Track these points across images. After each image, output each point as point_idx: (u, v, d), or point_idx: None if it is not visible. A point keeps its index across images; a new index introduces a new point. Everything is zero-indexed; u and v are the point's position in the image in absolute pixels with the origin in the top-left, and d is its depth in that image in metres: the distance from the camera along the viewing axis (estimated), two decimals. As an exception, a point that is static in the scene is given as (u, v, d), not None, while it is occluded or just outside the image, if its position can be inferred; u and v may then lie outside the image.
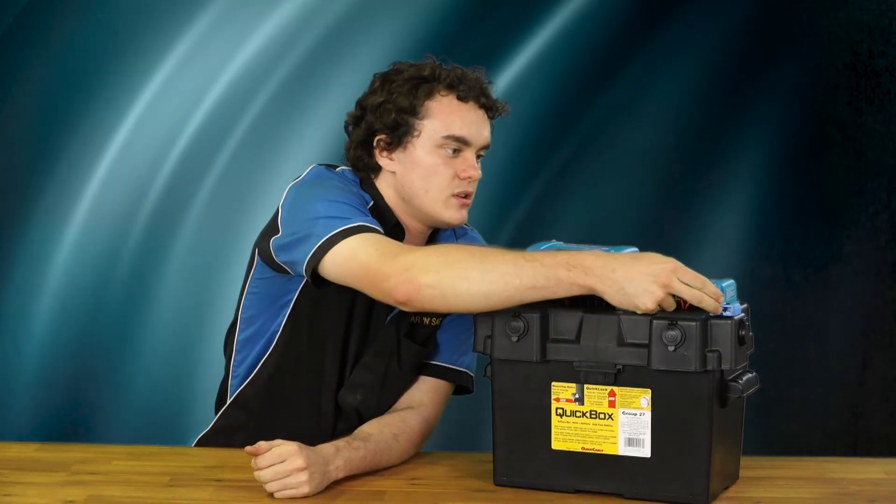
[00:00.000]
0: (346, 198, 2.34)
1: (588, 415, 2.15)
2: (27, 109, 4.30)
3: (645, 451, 2.12)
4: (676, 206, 4.34)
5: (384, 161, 2.44)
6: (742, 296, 2.18)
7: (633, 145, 4.34)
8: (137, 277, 4.29)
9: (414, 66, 2.45)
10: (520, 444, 2.19)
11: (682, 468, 2.10)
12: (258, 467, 2.17)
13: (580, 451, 2.15)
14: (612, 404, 2.13)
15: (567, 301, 2.16)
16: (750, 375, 2.16)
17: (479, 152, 2.44)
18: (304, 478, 2.15)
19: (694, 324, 2.07)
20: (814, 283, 4.32)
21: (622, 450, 2.13)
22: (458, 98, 2.41)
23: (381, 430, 2.34)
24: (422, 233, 2.49)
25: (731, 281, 2.17)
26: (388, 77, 2.45)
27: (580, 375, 2.14)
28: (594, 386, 2.14)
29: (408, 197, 2.43)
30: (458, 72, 2.44)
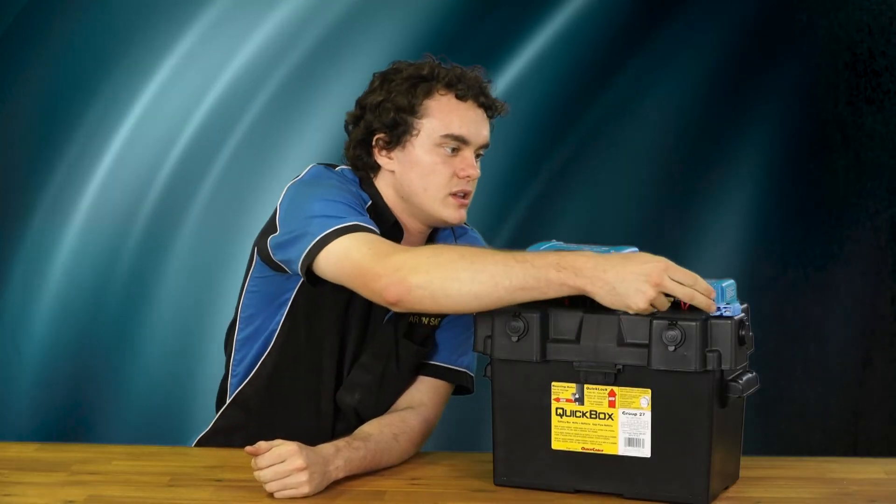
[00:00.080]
0: (342, 197, 2.34)
1: (588, 415, 2.14)
2: (27, 109, 4.30)
3: (645, 451, 2.12)
4: (676, 206, 4.33)
5: (383, 160, 2.44)
6: (742, 296, 2.18)
7: (633, 145, 4.33)
8: (137, 277, 4.29)
9: (413, 66, 2.44)
10: (520, 444, 2.19)
11: (682, 468, 2.10)
12: (258, 467, 2.16)
13: (580, 451, 2.15)
14: (612, 404, 2.13)
15: (567, 301, 2.16)
16: (750, 375, 2.16)
17: (478, 151, 2.44)
18: (304, 478, 2.15)
19: (694, 324, 2.07)
20: (814, 283, 4.31)
21: (622, 450, 2.13)
22: (457, 97, 2.41)
23: (381, 430, 2.34)
24: (421, 232, 2.48)
25: (731, 281, 2.17)
26: (387, 76, 2.45)
27: (580, 375, 2.14)
28: (594, 386, 2.14)
29: (406, 196, 2.42)
30: (457, 71, 2.43)
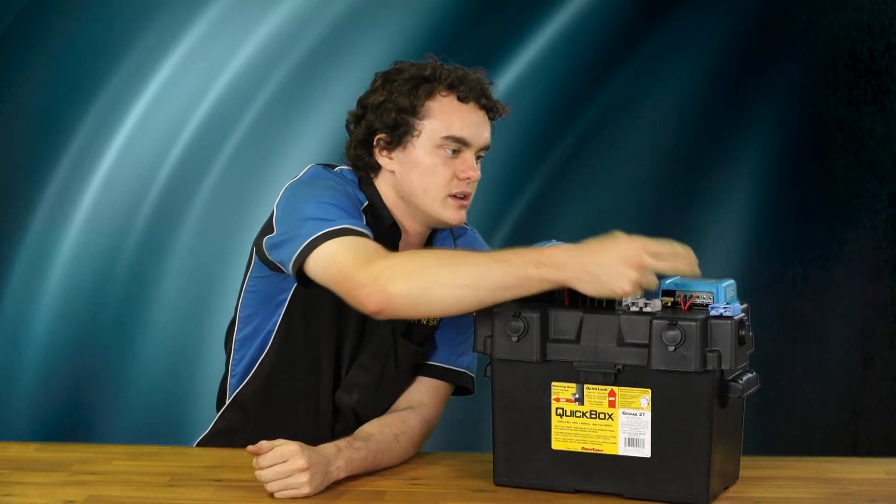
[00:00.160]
0: (337, 199, 2.33)
1: (588, 415, 2.15)
2: (27, 109, 4.30)
3: (645, 451, 2.12)
4: (676, 206, 4.33)
5: (384, 160, 2.44)
6: (742, 296, 2.18)
7: (632, 145, 4.33)
8: (137, 277, 4.29)
9: (415, 66, 2.44)
10: (520, 444, 2.19)
11: (682, 468, 2.10)
12: (259, 467, 2.16)
13: (580, 451, 2.15)
14: (612, 404, 2.13)
15: (567, 301, 2.16)
16: (750, 375, 2.16)
17: (478, 153, 2.44)
18: (306, 478, 2.15)
19: (694, 324, 2.07)
20: (814, 283, 4.31)
21: (622, 450, 2.13)
22: (459, 99, 2.41)
23: (381, 431, 2.34)
24: (420, 233, 2.48)
25: (731, 281, 2.17)
26: (389, 76, 2.45)
27: (580, 375, 2.14)
28: (594, 386, 2.14)
29: (406, 196, 2.42)
30: (460, 72, 2.43)
